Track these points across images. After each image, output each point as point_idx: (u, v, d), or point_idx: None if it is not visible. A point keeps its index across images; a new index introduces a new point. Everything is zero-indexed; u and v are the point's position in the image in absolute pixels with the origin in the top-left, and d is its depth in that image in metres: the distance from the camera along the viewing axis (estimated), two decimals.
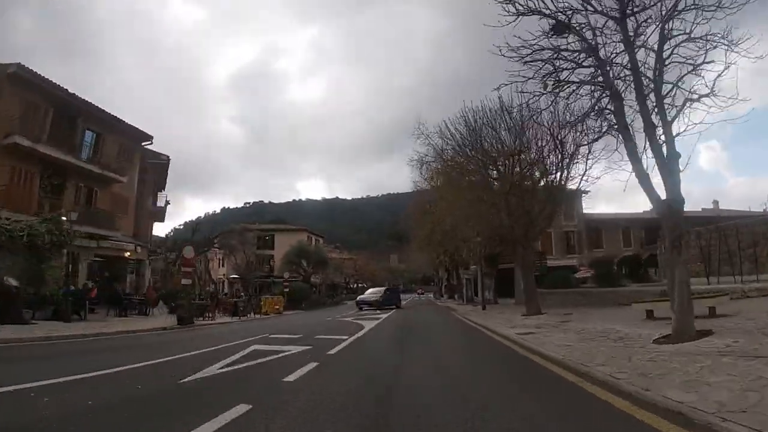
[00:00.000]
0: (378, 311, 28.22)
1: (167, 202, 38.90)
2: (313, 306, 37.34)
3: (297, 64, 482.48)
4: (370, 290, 38.34)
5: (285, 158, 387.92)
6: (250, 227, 60.37)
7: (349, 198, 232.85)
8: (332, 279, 67.58)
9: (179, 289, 21.19)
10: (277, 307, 28.73)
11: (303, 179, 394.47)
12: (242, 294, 43.89)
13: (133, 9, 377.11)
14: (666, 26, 8.09)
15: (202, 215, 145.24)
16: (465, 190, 22.54)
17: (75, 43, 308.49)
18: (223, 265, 62.41)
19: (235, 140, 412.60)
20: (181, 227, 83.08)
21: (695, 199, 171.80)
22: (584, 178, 17.43)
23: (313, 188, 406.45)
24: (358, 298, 35.35)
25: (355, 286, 79.62)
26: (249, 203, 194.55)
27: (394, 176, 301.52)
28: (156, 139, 33.37)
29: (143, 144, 33.88)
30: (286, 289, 34.68)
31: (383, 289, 38.13)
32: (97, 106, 28.70)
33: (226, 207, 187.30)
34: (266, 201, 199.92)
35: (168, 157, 36.28)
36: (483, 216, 21.84)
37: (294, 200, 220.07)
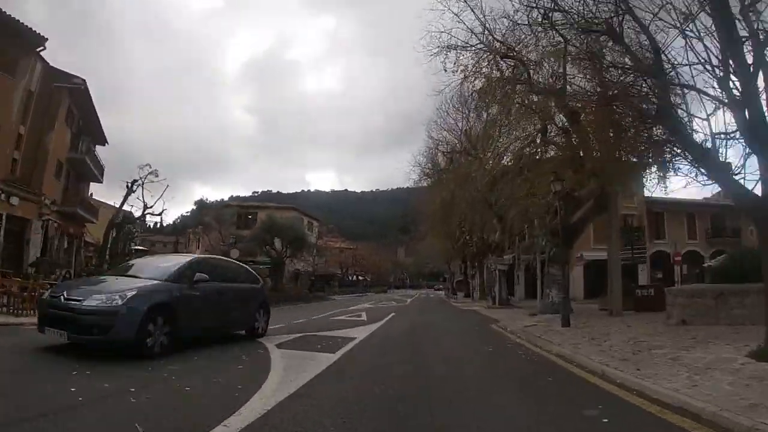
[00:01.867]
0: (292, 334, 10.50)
1: (86, 149, 26.90)
2: (275, 301, 25.10)
3: (312, 54, 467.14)
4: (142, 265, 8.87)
5: (296, 149, 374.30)
6: (230, 204, 48.60)
7: (358, 191, 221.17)
8: (327, 268, 55.53)
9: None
10: None
11: (313, 170, 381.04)
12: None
13: None
14: None
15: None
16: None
17: (86, 30, 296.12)
18: (198, 247, 50.73)
19: (247, 129, 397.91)
20: (188, 213, 72.63)
21: None
22: None
23: (322, 180, 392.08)
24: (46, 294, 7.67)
25: (354, 278, 67.48)
26: (257, 192, 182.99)
27: (406, 171, 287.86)
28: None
29: (38, 50, 22.16)
30: None
31: (177, 265, 7.95)
32: None
33: (235, 195, 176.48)
34: (274, 190, 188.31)
35: (83, 81, 24.37)
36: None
37: (303, 190, 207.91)
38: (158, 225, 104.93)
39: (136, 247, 27.85)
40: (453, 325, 14.89)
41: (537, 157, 19.88)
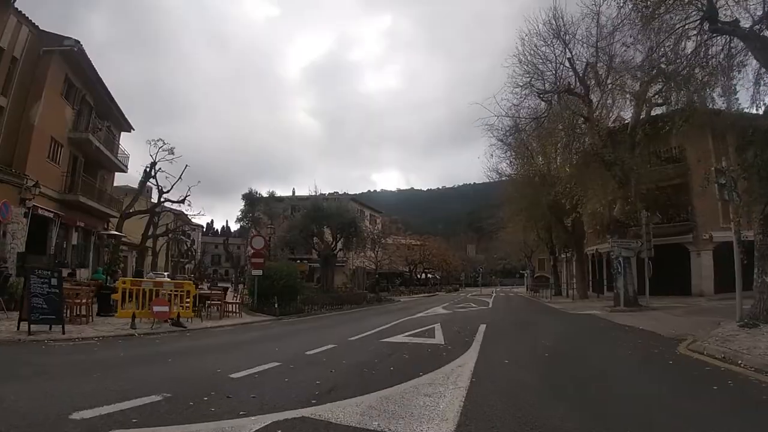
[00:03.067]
0: None
1: (93, 128, 21.87)
2: (319, 306, 18.61)
3: (371, 53, 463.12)
4: None
5: (361, 149, 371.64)
6: (282, 196, 43.23)
7: (424, 189, 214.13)
8: (392, 265, 48.74)
9: None
10: (161, 308, 10.09)
11: (378, 170, 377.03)
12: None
13: (206, 7, 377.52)
14: None
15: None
16: None
17: (149, 41, 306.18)
18: (249, 245, 45.95)
19: (312, 132, 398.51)
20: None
21: None
22: None
23: (388, 179, 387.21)
24: None
25: (423, 275, 59.99)
26: (324, 194, 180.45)
27: (472, 167, 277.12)
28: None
29: (12, 2, 17.31)
30: (258, 272, 16.38)
31: None
32: None
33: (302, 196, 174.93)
34: (341, 192, 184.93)
35: (77, 42, 19.34)
36: None
37: (369, 191, 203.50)
38: (225, 228, 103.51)
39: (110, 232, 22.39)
40: (616, 364, 7.16)
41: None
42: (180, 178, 24.26)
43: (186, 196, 25.51)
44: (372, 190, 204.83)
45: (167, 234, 35.08)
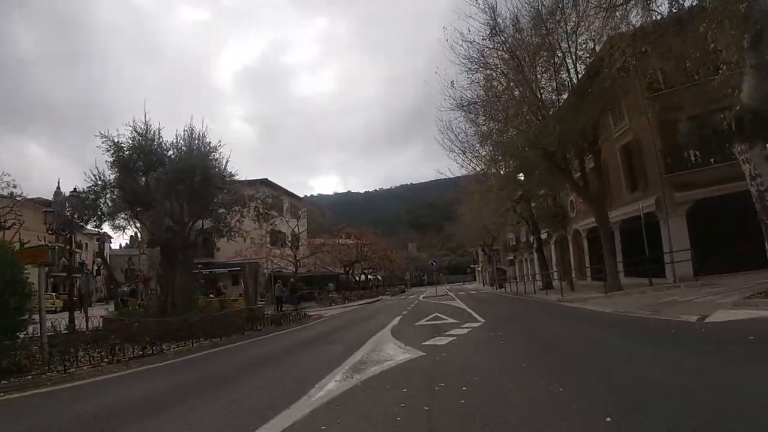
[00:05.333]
0: None
1: None
2: (95, 355, 6.98)
3: (306, 57, 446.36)
4: None
5: (298, 155, 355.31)
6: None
7: (362, 191, 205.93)
8: (325, 266, 37.13)
9: None
10: None
11: (317, 175, 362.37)
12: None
13: (135, 14, 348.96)
14: None
15: None
16: None
17: (78, 51, 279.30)
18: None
19: (247, 139, 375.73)
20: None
21: None
22: None
23: (326, 183, 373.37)
24: None
25: (363, 277, 48.55)
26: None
27: (408, 167, 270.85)
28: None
29: None
30: None
31: None
32: None
33: None
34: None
35: None
36: None
37: (307, 196, 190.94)
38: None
39: None
40: None
41: None
42: None
43: None
44: (309, 195, 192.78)
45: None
